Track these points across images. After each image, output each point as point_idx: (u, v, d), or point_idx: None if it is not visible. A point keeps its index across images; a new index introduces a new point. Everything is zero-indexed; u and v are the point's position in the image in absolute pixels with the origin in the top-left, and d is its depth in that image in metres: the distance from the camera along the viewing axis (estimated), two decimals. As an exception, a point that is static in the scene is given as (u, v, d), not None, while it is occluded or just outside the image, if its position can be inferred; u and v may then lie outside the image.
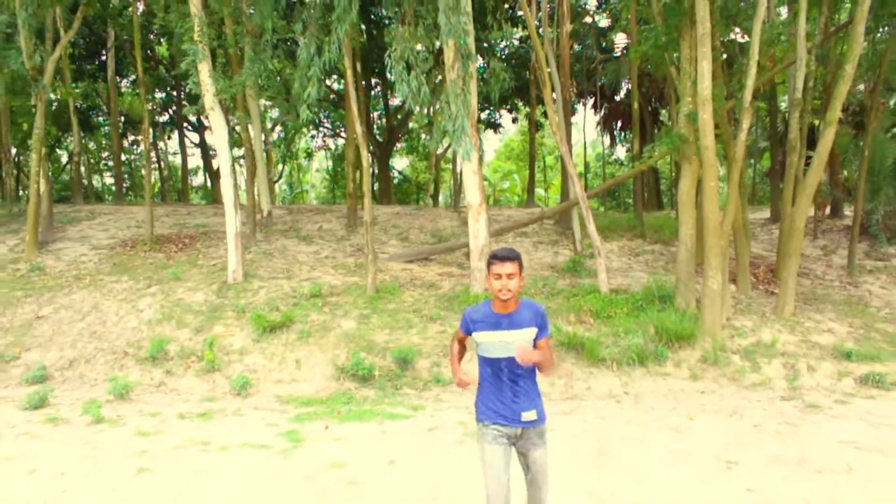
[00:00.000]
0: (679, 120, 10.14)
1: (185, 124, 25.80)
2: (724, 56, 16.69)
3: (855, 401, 8.18)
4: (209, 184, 28.43)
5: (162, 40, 20.77)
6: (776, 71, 11.70)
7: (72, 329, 9.97)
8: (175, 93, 23.53)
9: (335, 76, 21.36)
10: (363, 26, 17.19)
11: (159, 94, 25.25)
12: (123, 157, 26.78)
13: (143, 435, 6.88)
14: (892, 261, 13.07)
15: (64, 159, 30.13)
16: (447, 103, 9.39)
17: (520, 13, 18.41)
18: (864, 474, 5.69)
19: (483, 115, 23.21)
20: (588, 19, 22.04)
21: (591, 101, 25.24)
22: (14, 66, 10.85)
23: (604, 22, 22.72)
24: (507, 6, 19.23)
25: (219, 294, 10.58)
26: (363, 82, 17.95)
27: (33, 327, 10.07)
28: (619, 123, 25.02)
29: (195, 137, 27.36)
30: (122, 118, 24.14)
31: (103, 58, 19.60)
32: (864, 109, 16.21)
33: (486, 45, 18.20)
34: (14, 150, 22.60)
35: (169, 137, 30.18)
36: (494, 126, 24.64)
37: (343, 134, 28.10)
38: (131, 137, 28.19)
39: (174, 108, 24.78)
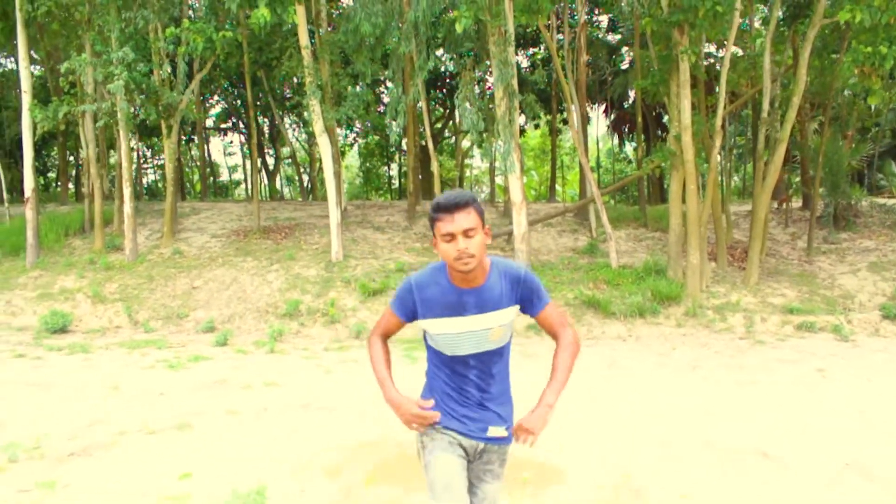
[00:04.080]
0: (670, 138, 13.61)
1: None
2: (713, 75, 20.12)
3: (790, 339, 11.65)
4: (265, 182, 32.01)
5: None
6: (746, 98, 15.14)
7: (221, 295, 13.57)
8: (238, 103, 27.13)
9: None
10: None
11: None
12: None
13: (309, 358, 10.42)
14: (843, 244, 16.47)
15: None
16: (497, 131, 12.89)
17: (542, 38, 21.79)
18: (777, 371, 9.18)
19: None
20: (599, 35, 25.41)
21: (602, 107, 28.75)
22: (168, 99, 14.42)
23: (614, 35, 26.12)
24: (530, 30, 22.68)
25: (327, 269, 14.16)
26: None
27: (192, 295, 13.67)
28: (627, 127, 28.46)
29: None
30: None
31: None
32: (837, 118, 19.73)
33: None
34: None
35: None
36: (521, 131, 28.21)
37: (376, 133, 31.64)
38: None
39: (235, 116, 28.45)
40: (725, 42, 13.32)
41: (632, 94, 25.81)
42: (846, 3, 10.45)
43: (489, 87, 21.36)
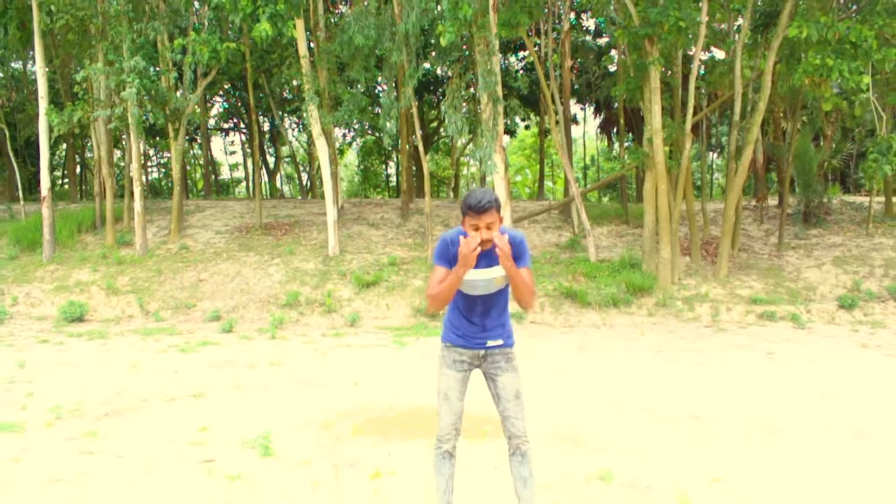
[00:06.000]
0: (644, 140, 14.58)
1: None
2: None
3: (751, 328, 12.64)
4: (266, 180, 33.02)
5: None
6: (720, 102, 16.11)
7: (226, 287, 14.56)
8: (239, 104, 28.11)
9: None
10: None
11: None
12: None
13: (307, 343, 11.40)
14: (812, 240, 17.45)
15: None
16: (481, 136, 13.87)
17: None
18: (731, 354, 10.17)
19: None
20: (588, 38, 26.34)
21: (592, 107, 29.78)
22: (175, 103, 15.41)
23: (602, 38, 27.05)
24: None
25: (324, 263, 15.16)
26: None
27: (199, 287, 14.66)
28: (616, 128, 29.43)
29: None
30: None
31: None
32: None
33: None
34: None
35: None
36: (510, 132, 29.17)
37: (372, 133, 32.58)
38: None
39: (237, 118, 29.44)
40: (704, 50, 14.31)
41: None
42: (795, 19, 11.43)
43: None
